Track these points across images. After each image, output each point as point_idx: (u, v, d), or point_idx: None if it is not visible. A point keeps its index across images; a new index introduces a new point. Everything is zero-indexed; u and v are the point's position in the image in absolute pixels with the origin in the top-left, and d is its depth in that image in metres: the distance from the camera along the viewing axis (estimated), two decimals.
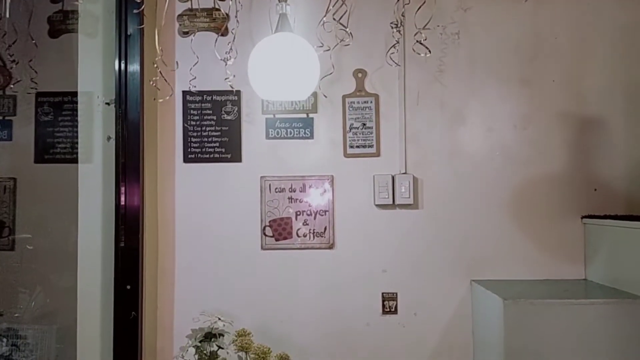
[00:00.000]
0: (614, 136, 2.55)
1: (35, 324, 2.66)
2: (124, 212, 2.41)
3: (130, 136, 2.42)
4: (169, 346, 2.53)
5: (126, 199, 2.41)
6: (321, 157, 2.60)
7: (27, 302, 2.70)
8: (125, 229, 2.40)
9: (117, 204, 2.41)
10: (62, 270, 2.65)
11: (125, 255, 2.39)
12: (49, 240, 2.73)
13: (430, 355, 2.54)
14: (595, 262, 2.43)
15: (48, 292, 2.73)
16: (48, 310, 2.70)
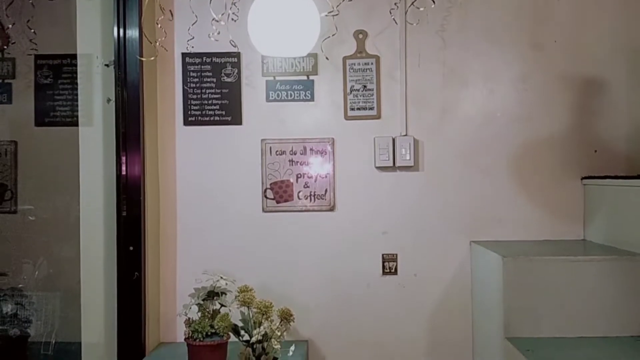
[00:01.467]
0: (615, 97, 2.54)
1: (39, 291, 2.69)
2: (125, 182, 2.42)
3: (130, 98, 2.42)
4: (172, 306, 2.56)
5: (127, 168, 2.42)
6: (322, 119, 2.59)
7: (31, 271, 2.73)
8: (126, 199, 2.41)
9: (119, 174, 2.41)
10: (65, 240, 2.67)
11: (127, 222, 2.41)
12: (51, 207, 2.74)
13: (429, 314, 2.58)
14: (594, 222, 2.44)
15: (51, 261, 2.76)
16: (52, 278, 2.74)
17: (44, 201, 2.75)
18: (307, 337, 2.59)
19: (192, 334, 2.16)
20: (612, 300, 2.04)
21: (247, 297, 1.88)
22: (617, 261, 2.05)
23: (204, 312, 2.21)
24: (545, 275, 2.06)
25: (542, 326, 2.04)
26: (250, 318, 1.87)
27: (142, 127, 2.44)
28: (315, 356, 2.59)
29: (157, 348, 2.49)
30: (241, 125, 2.59)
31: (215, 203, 2.60)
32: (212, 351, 2.15)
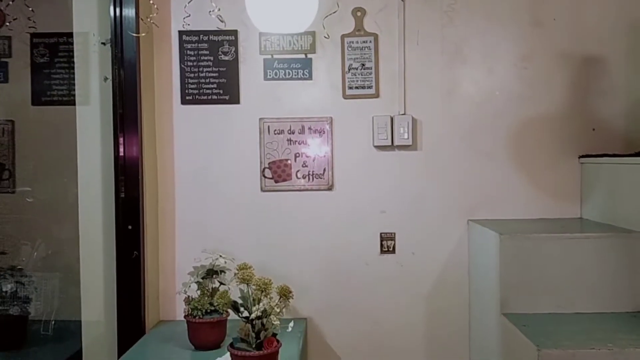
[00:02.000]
0: (614, 75, 2.53)
1: (39, 271, 2.70)
2: (123, 163, 2.42)
3: (127, 77, 2.40)
4: (171, 285, 2.58)
5: (125, 149, 2.41)
6: (320, 98, 2.59)
7: (29, 253, 2.74)
8: (125, 180, 2.41)
9: (117, 155, 2.41)
10: (64, 220, 2.68)
11: (125, 203, 2.41)
12: (50, 188, 2.75)
13: (427, 292, 2.60)
14: (591, 200, 2.46)
15: (50, 242, 2.76)
16: (51, 259, 2.75)
17: (42, 182, 2.75)
18: (306, 315, 2.62)
19: (191, 312, 2.18)
20: (608, 276, 2.05)
21: (247, 274, 1.88)
22: (613, 238, 2.06)
23: (203, 290, 2.23)
24: (542, 253, 2.07)
25: (538, 302, 2.06)
26: (250, 295, 1.88)
27: (139, 106, 2.43)
28: (314, 333, 2.61)
29: (157, 326, 2.51)
30: (239, 104, 2.58)
31: (214, 183, 2.60)
32: (211, 328, 2.18)
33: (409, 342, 2.60)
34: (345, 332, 2.61)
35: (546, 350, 1.70)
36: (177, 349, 2.20)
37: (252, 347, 1.82)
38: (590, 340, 1.76)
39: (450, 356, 2.59)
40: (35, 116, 2.65)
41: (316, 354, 2.61)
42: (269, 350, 1.81)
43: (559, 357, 1.69)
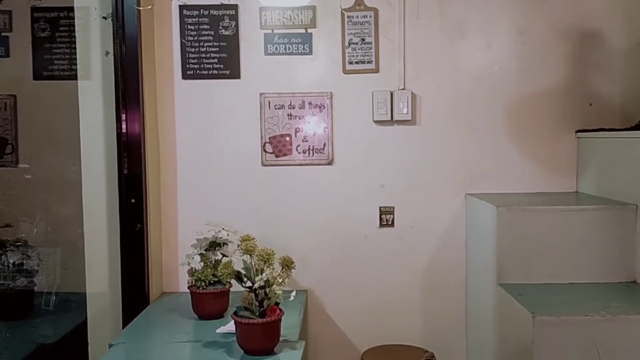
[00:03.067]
0: (611, 50, 2.55)
1: (44, 245, 2.74)
2: (126, 140, 2.44)
3: (128, 51, 2.42)
4: (174, 257, 2.62)
5: (127, 126, 2.44)
6: (320, 73, 2.60)
7: (28, 229, 2.77)
8: (127, 157, 2.44)
9: (119, 132, 2.43)
10: (67, 195, 2.70)
11: (128, 178, 2.44)
12: (53, 163, 2.77)
13: (425, 265, 2.65)
14: (587, 174, 2.50)
15: (51, 218, 2.79)
16: (55, 233, 2.78)
17: (45, 157, 2.77)
18: (307, 287, 2.67)
19: (195, 283, 2.23)
20: (602, 248, 2.10)
21: (250, 245, 1.92)
22: (607, 210, 2.11)
23: (206, 262, 2.27)
24: (538, 225, 2.12)
25: (534, 273, 2.11)
26: (253, 266, 1.92)
27: (141, 82, 2.44)
28: (314, 305, 2.67)
29: (161, 297, 2.57)
30: (239, 79, 2.59)
31: (215, 157, 2.63)
32: (215, 298, 2.23)
33: (407, 312, 2.66)
34: (345, 304, 2.67)
35: (541, 317, 1.75)
36: (181, 318, 2.25)
37: (255, 315, 1.86)
38: (583, 308, 1.81)
39: (447, 325, 2.65)
40: (37, 91, 2.66)
41: (316, 324, 2.67)
42: (272, 318, 1.86)
43: (553, 324, 1.74)
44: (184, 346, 1.98)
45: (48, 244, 2.75)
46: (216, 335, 2.05)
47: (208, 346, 1.96)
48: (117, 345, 2.00)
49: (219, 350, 1.92)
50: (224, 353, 1.89)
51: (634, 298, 1.93)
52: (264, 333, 1.86)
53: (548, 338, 1.75)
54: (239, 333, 1.88)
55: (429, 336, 2.66)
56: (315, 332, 2.68)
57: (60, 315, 2.63)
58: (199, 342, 1.99)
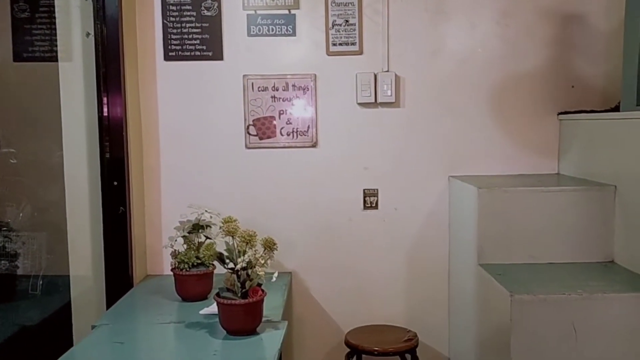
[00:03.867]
0: (594, 33, 2.56)
1: (27, 230, 2.72)
2: (108, 124, 2.42)
3: (109, 33, 2.39)
4: (157, 240, 2.62)
5: (109, 110, 2.41)
6: (304, 55, 2.59)
7: (15, 214, 2.75)
8: (109, 141, 2.42)
9: (100, 116, 2.41)
10: (50, 178, 2.68)
11: (110, 162, 2.43)
12: (34, 147, 2.74)
13: (409, 246, 2.67)
14: (568, 156, 2.52)
15: (36, 202, 2.77)
16: (39, 217, 2.76)
17: (27, 141, 2.74)
18: (291, 269, 2.68)
19: (178, 265, 2.23)
20: (581, 228, 2.13)
21: (232, 226, 1.92)
22: (586, 191, 2.13)
23: (189, 244, 2.27)
24: (518, 206, 2.14)
25: (514, 253, 2.13)
26: (235, 247, 1.93)
27: (122, 64, 2.42)
28: (299, 287, 2.69)
29: (145, 280, 2.57)
30: (222, 60, 2.57)
31: (198, 140, 2.62)
32: (198, 280, 2.24)
33: (391, 293, 2.69)
34: (329, 285, 2.69)
35: (518, 295, 1.78)
36: (165, 300, 2.26)
37: (237, 296, 1.87)
38: (561, 287, 1.84)
39: (430, 306, 2.68)
40: (18, 72, 2.63)
41: (301, 306, 2.69)
42: (254, 298, 1.87)
43: (531, 302, 1.77)
44: (166, 327, 1.99)
45: (34, 228, 2.73)
46: (199, 316, 2.06)
47: (191, 327, 1.97)
48: (100, 326, 2.00)
49: (201, 331, 1.92)
50: (207, 334, 1.90)
51: (611, 277, 1.96)
52: (246, 314, 1.87)
53: (526, 316, 1.77)
54: (221, 314, 1.89)
55: (412, 317, 2.68)
56: (300, 314, 2.70)
57: (45, 298, 2.63)
58: (182, 323, 2.00)
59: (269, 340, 1.85)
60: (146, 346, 1.90)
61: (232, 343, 1.83)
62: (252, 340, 1.85)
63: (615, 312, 1.76)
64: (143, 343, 1.91)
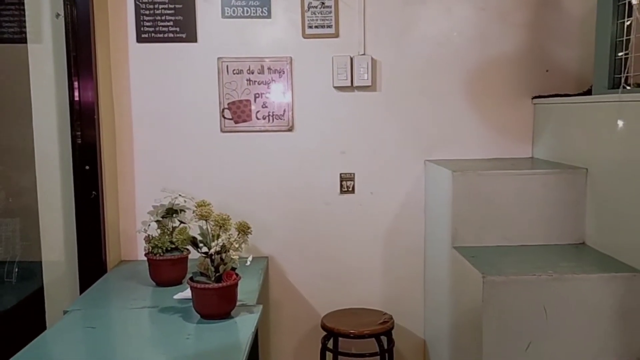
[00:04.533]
0: (568, 17, 2.57)
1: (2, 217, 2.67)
2: (79, 109, 2.38)
3: (80, 13, 2.34)
4: (131, 225, 2.59)
5: (80, 94, 2.37)
6: (279, 38, 2.56)
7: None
8: (81, 126, 2.38)
9: (71, 99, 2.37)
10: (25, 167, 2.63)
11: (82, 146, 2.39)
12: (8, 133, 2.68)
13: (385, 230, 2.68)
14: (542, 140, 2.54)
15: (10, 188, 2.72)
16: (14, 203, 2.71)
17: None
18: (268, 253, 2.68)
19: (152, 250, 2.21)
20: (553, 211, 2.15)
21: (205, 210, 1.90)
22: (559, 174, 2.15)
23: (163, 229, 2.25)
24: (492, 189, 2.15)
25: (487, 236, 2.15)
26: (209, 232, 1.91)
27: (93, 46, 2.37)
28: (275, 271, 2.68)
29: (118, 265, 2.54)
30: (196, 42, 2.54)
31: (172, 123, 2.59)
32: (172, 265, 2.22)
33: (367, 277, 2.70)
34: (306, 269, 2.69)
35: (490, 277, 1.80)
36: (139, 285, 2.24)
37: (211, 280, 1.86)
38: (532, 268, 1.86)
39: (406, 289, 2.70)
40: None
41: (277, 290, 2.69)
42: (228, 282, 1.86)
43: (502, 283, 1.79)
44: (140, 312, 1.97)
45: (8, 214, 2.68)
46: (173, 301, 2.04)
47: (164, 312, 1.96)
48: (72, 312, 1.97)
49: (175, 316, 1.91)
50: (180, 318, 1.89)
51: (582, 258, 1.99)
52: (220, 298, 1.86)
53: (497, 297, 1.80)
54: (195, 298, 1.88)
55: (388, 300, 2.70)
56: (277, 298, 2.70)
57: (20, 285, 2.59)
58: (156, 308, 1.99)
59: (243, 324, 1.85)
60: (119, 331, 1.88)
61: (206, 327, 1.82)
62: (226, 324, 1.85)
63: (584, 293, 1.79)
64: (115, 327, 1.89)
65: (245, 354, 1.62)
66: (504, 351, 1.80)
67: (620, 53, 1.97)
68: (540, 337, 1.79)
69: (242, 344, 1.69)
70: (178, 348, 1.68)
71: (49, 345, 1.72)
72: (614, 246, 1.94)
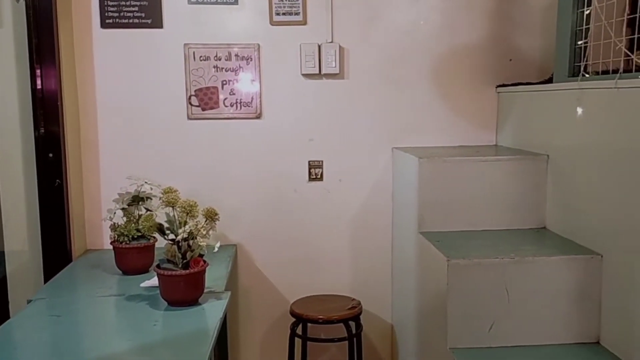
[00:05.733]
0: (532, 7, 2.62)
1: None
2: (42, 97, 2.33)
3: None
4: (97, 213, 2.55)
5: (42, 80, 2.32)
6: (247, 24, 2.55)
7: None
8: (44, 115, 2.34)
9: (34, 88, 2.32)
10: None
11: (46, 134, 2.34)
12: None
13: (353, 217, 2.71)
14: (505, 128, 2.59)
15: None
16: None
17: None
18: (236, 241, 2.68)
19: (118, 238, 2.19)
20: (516, 196, 2.21)
21: (172, 197, 1.89)
22: (521, 160, 2.20)
23: (129, 217, 2.23)
24: (457, 175, 2.19)
25: (452, 221, 2.20)
26: (176, 218, 1.90)
27: (56, 32, 2.32)
28: (244, 258, 2.69)
29: (84, 254, 2.51)
30: (162, 28, 2.51)
31: (138, 110, 2.55)
32: (139, 253, 2.20)
33: (335, 263, 2.72)
34: (275, 257, 2.70)
35: (455, 260, 1.84)
36: (105, 274, 2.21)
37: (178, 267, 1.85)
38: (495, 252, 1.91)
39: (374, 275, 2.74)
40: None
41: (246, 277, 2.70)
42: (195, 269, 1.86)
43: (466, 266, 1.83)
44: (106, 300, 1.96)
45: None
46: (140, 289, 2.03)
47: (131, 299, 1.94)
48: (36, 301, 1.94)
49: (142, 303, 1.90)
50: (147, 305, 1.88)
51: (542, 242, 2.04)
52: (187, 284, 1.86)
53: (461, 280, 1.84)
54: (162, 285, 1.87)
55: (356, 286, 2.73)
56: (246, 285, 2.71)
57: None
58: (122, 296, 1.97)
59: (210, 310, 1.85)
60: (84, 319, 1.86)
61: (174, 313, 1.82)
62: (193, 310, 1.84)
63: (545, 274, 1.84)
64: (81, 316, 1.87)
65: (213, 341, 1.62)
66: (468, 332, 1.84)
67: (580, 42, 2.02)
68: (502, 318, 1.84)
69: (210, 330, 1.69)
70: (145, 335, 1.67)
71: (13, 333, 1.70)
72: (573, 230, 2.01)
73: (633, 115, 1.62)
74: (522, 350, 1.82)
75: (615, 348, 1.76)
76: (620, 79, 1.69)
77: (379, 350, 2.80)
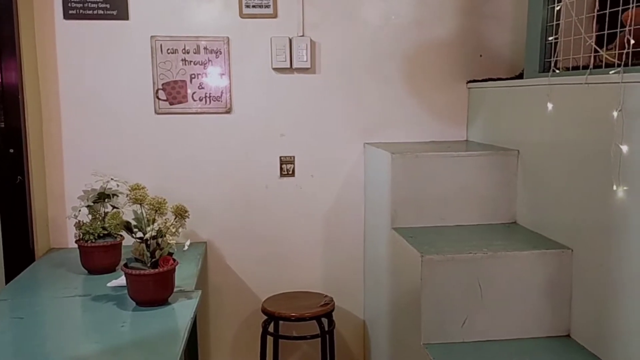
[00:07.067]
0: (502, 3, 2.64)
1: None
2: (1, 90, 2.25)
3: None
4: (61, 211, 2.47)
5: (2, 74, 2.23)
6: (216, 16, 2.50)
7: None
8: (4, 108, 2.26)
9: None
10: None
11: (6, 129, 2.26)
12: None
13: (325, 212, 2.69)
14: (476, 123, 2.61)
15: None
16: None
17: None
18: (206, 238, 2.63)
19: (83, 236, 2.12)
20: (487, 191, 2.22)
21: (140, 194, 1.83)
22: (491, 156, 2.22)
23: (95, 215, 2.16)
24: (429, 171, 2.19)
25: (425, 216, 2.20)
26: (144, 216, 1.84)
27: (16, 22, 2.24)
28: (215, 256, 2.64)
29: (48, 253, 2.42)
30: (128, 20, 2.43)
31: (103, 105, 2.48)
32: (105, 252, 2.13)
33: (307, 260, 2.70)
34: (246, 254, 2.66)
35: (428, 256, 1.83)
36: (70, 273, 2.14)
37: (147, 266, 1.80)
38: (468, 247, 1.91)
39: (347, 271, 2.72)
40: None
41: (217, 275, 2.65)
42: (164, 268, 1.81)
43: (440, 261, 1.83)
44: (71, 301, 1.89)
45: None
46: (107, 289, 1.97)
47: (98, 300, 1.88)
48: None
49: (109, 304, 1.84)
50: (115, 306, 1.82)
51: (513, 236, 2.06)
52: (156, 284, 1.81)
53: (435, 275, 1.83)
54: (130, 285, 1.81)
55: (329, 282, 2.72)
56: (216, 283, 2.66)
57: None
58: (88, 296, 1.91)
59: (181, 310, 1.80)
60: (49, 320, 1.79)
61: (142, 314, 1.76)
62: (163, 310, 1.79)
63: (516, 269, 1.86)
64: (45, 317, 1.79)
65: (183, 341, 1.58)
66: (441, 327, 1.84)
67: (551, 37, 2.03)
68: (475, 313, 1.84)
69: (180, 330, 1.65)
70: (113, 336, 1.62)
71: None
72: (544, 224, 2.03)
73: (602, 111, 1.63)
74: (495, 344, 1.83)
75: (585, 341, 1.78)
76: (590, 74, 1.71)
77: (352, 347, 2.79)
